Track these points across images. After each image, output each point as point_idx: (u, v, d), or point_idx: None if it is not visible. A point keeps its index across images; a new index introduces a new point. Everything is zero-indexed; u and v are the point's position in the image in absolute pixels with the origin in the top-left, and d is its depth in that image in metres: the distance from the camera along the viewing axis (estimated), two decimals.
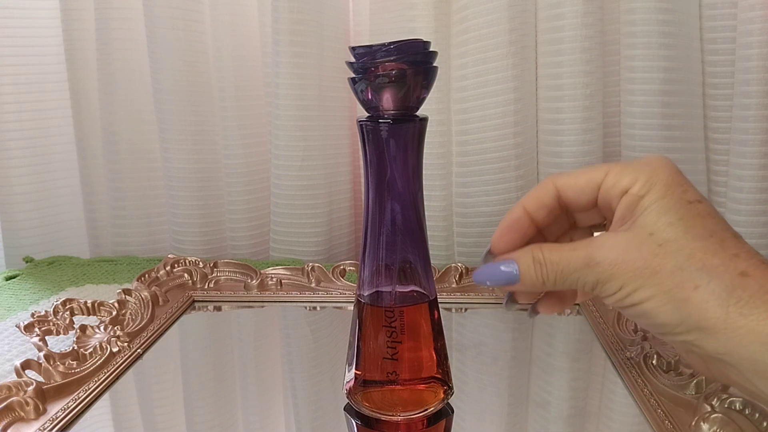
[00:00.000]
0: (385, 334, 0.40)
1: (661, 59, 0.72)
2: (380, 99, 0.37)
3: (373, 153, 0.39)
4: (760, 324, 0.31)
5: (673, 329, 0.34)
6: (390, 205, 0.39)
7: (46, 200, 0.94)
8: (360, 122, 0.39)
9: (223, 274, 0.74)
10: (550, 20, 0.76)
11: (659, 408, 0.44)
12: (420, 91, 0.38)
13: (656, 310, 0.34)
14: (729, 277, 0.32)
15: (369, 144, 0.39)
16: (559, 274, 0.36)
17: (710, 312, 0.32)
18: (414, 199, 0.40)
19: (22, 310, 0.67)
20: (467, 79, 0.77)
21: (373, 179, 0.39)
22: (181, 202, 0.89)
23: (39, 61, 0.91)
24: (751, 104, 0.69)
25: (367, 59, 0.38)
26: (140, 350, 0.56)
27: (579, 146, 0.76)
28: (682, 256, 0.33)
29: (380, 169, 0.39)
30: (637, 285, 0.34)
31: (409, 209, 0.40)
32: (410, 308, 0.41)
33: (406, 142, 0.39)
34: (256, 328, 0.68)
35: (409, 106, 0.38)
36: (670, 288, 0.33)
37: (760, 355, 0.31)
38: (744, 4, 0.68)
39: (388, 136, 0.38)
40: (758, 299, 0.31)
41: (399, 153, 0.38)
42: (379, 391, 0.42)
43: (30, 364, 0.49)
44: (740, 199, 0.71)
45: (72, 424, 0.45)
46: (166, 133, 0.87)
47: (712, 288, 0.32)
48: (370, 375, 0.42)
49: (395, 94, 0.37)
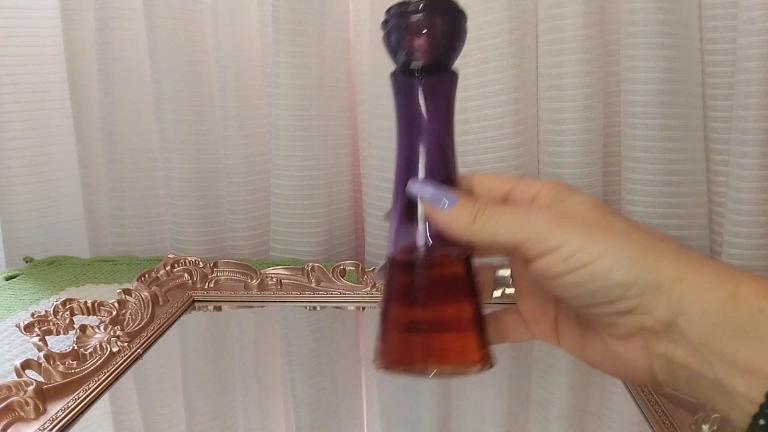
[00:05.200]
0: (413, 289, 0.37)
1: (661, 59, 0.72)
2: (413, 43, 0.38)
3: (405, 103, 0.39)
4: (714, 281, 0.29)
5: (625, 291, 0.30)
6: (423, 156, 0.38)
7: (46, 200, 0.94)
8: (395, 74, 0.40)
9: (223, 274, 0.74)
10: (550, 20, 0.76)
11: (659, 408, 0.44)
12: (451, 42, 0.38)
13: (610, 269, 0.30)
14: (674, 244, 0.31)
15: (401, 95, 0.40)
16: (495, 219, 0.33)
17: (665, 267, 0.30)
18: (446, 153, 0.39)
19: (22, 310, 0.67)
20: (468, 79, 0.77)
21: (405, 129, 0.39)
22: (181, 202, 0.89)
23: (39, 60, 0.91)
24: (752, 104, 0.68)
25: (401, 8, 0.38)
26: (140, 350, 0.56)
27: (579, 146, 0.76)
28: (628, 223, 0.32)
29: (413, 118, 0.39)
30: (586, 240, 0.31)
31: (441, 163, 0.38)
32: (443, 263, 0.38)
33: (440, 93, 0.39)
34: (256, 328, 0.68)
35: (439, 58, 0.38)
36: (623, 243, 0.30)
37: (718, 310, 0.28)
38: (744, 4, 0.68)
39: (426, 85, 0.39)
40: (705, 260, 0.30)
41: (432, 103, 0.39)
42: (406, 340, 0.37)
43: (30, 364, 0.49)
44: (741, 199, 0.71)
45: (72, 424, 0.45)
46: (167, 133, 0.87)
47: (666, 247, 0.31)
48: (397, 329, 0.38)
49: (428, 39, 0.38)
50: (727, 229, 0.72)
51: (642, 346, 0.31)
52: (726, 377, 0.28)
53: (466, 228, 0.34)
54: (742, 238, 0.71)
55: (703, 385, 0.29)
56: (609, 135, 0.79)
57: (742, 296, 0.28)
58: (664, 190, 0.75)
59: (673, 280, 0.29)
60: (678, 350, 0.30)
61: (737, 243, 0.71)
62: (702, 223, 0.77)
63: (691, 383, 0.30)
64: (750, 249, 0.71)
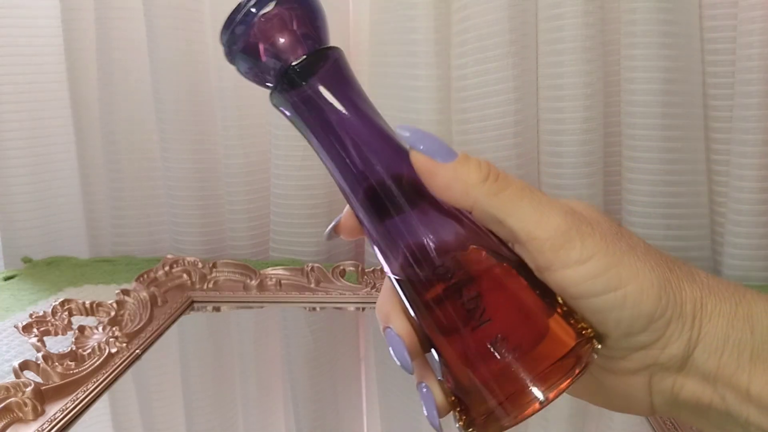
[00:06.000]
0: (464, 308, 0.27)
1: (661, 59, 0.72)
2: (276, 45, 0.31)
3: (310, 116, 0.32)
4: (729, 301, 0.27)
5: (649, 324, 0.26)
6: (366, 155, 0.30)
7: (45, 200, 0.94)
8: (273, 93, 0.32)
9: (222, 275, 0.73)
10: (550, 20, 0.75)
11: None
12: (312, 17, 0.31)
13: (640, 296, 0.25)
14: (683, 263, 0.28)
15: (300, 109, 0.31)
16: (511, 192, 0.27)
17: (687, 293, 0.26)
18: (387, 136, 0.30)
19: (20, 311, 0.67)
20: (467, 78, 0.77)
21: (327, 142, 0.31)
22: (180, 202, 0.88)
23: (39, 61, 0.91)
24: (752, 104, 0.68)
25: (238, 17, 0.32)
26: (139, 351, 0.56)
27: (579, 146, 0.76)
28: (634, 235, 0.28)
29: (328, 125, 0.31)
30: (615, 258, 0.26)
31: (392, 150, 0.30)
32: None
33: (338, 78, 0.32)
34: (256, 328, 0.68)
35: (314, 42, 0.32)
36: (652, 265, 0.26)
37: (735, 335, 0.26)
38: (744, 4, 0.68)
39: (320, 81, 0.31)
40: (713, 279, 0.28)
41: (339, 95, 0.31)
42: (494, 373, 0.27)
43: (28, 364, 0.49)
44: (741, 199, 0.71)
45: (71, 425, 0.45)
46: (166, 133, 0.87)
47: (679, 267, 0.27)
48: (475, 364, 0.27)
49: (291, 29, 0.31)
50: (728, 229, 0.72)
51: (644, 383, 0.28)
52: (738, 408, 0.26)
53: (473, 189, 0.27)
54: (744, 238, 0.71)
55: (711, 417, 0.27)
56: (609, 135, 0.79)
57: (755, 317, 0.26)
58: (664, 190, 0.75)
59: (694, 309, 0.26)
60: (687, 383, 0.27)
61: (738, 243, 0.71)
62: (703, 224, 0.76)
63: (697, 414, 0.27)
64: (751, 249, 0.71)
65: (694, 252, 0.76)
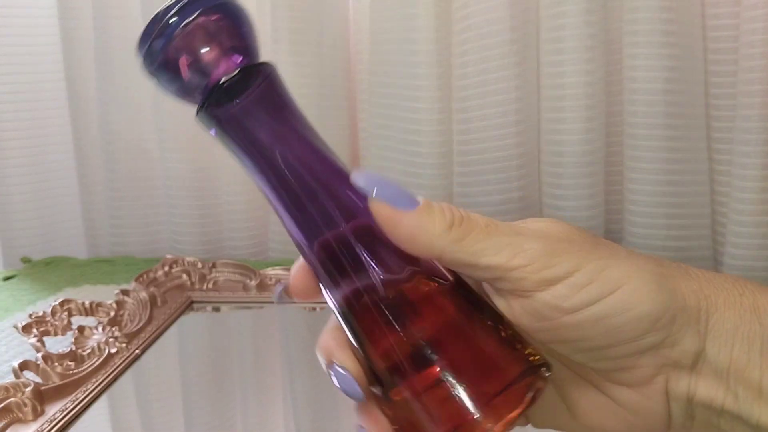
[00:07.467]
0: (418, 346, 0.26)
1: (663, 59, 0.72)
2: (202, 58, 0.28)
3: (243, 136, 0.29)
4: (732, 292, 0.26)
5: (654, 323, 0.25)
6: (307, 180, 0.28)
7: (44, 200, 0.94)
8: (201, 113, 0.29)
9: (221, 275, 0.73)
10: (552, 19, 0.75)
11: None
12: (238, 27, 0.29)
13: (634, 297, 0.25)
14: (672, 261, 0.27)
15: (231, 129, 0.29)
16: (479, 232, 0.26)
17: (685, 286, 0.26)
18: (328, 156, 0.29)
19: (19, 311, 0.67)
20: (468, 78, 0.77)
21: (264, 164, 0.29)
22: (179, 202, 0.88)
23: (36, 60, 0.91)
24: (755, 104, 0.68)
25: (155, 30, 0.27)
26: (138, 351, 0.55)
27: (581, 146, 0.75)
28: (611, 242, 0.28)
29: (263, 145, 0.29)
30: (599, 264, 0.25)
31: (333, 172, 0.29)
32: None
33: (273, 92, 0.30)
34: (255, 329, 0.68)
35: (244, 52, 0.29)
36: (639, 265, 0.26)
37: (745, 326, 0.26)
38: (747, 4, 0.68)
39: (253, 97, 0.29)
40: (711, 273, 0.28)
41: (273, 112, 0.29)
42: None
43: (28, 365, 0.49)
44: (743, 200, 0.70)
45: (70, 426, 0.44)
46: (165, 133, 0.86)
47: (669, 264, 0.27)
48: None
49: (217, 41, 0.28)
50: (730, 230, 0.72)
51: (661, 390, 0.27)
52: (750, 408, 0.26)
53: (438, 239, 0.26)
54: (745, 238, 0.71)
55: (723, 426, 0.27)
56: (611, 135, 0.79)
57: (761, 308, 0.26)
58: (666, 190, 0.74)
59: (698, 300, 0.26)
60: (701, 383, 0.26)
61: (740, 243, 0.71)
62: (705, 224, 0.76)
63: (708, 425, 0.27)
64: (753, 249, 0.70)
65: (695, 252, 0.76)
